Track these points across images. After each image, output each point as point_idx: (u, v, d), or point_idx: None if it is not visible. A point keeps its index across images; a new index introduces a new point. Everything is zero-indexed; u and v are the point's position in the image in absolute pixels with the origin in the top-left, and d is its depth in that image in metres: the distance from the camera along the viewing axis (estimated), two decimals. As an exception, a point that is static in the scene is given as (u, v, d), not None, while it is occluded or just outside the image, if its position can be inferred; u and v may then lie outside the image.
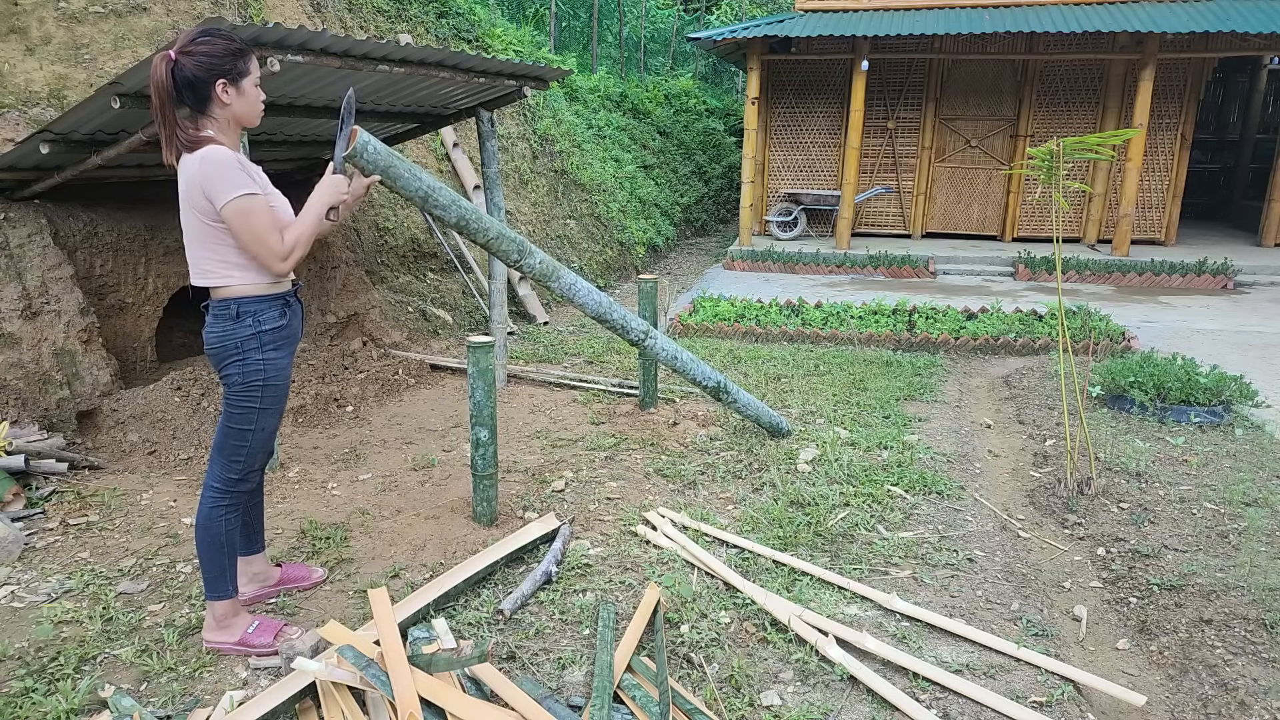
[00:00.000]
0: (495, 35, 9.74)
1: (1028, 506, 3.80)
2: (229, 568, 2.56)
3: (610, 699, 2.24)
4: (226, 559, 2.55)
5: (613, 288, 9.67)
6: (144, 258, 4.72)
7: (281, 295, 2.51)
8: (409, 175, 2.81)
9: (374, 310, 6.01)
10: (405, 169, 2.79)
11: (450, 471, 4.07)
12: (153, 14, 5.31)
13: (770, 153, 11.94)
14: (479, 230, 3.09)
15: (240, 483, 2.57)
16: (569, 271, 3.49)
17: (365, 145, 2.59)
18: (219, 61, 2.31)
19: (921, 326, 6.83)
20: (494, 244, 3.18)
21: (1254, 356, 6.26)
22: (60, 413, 4.06)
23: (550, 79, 5.07)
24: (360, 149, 2.57)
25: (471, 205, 3.05)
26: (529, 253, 3.28)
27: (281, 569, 2.97)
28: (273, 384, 2.51)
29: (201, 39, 2.32)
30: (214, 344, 2.45)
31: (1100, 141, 3.46)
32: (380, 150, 2.65)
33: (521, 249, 3.25)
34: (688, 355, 3.99)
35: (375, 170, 2.65)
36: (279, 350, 2.50)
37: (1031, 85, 10.92)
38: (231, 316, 2.41)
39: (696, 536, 3.34)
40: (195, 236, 2.39)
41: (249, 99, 2.41)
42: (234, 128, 2.43)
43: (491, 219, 3.14)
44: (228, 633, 2.57)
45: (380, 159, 2.66)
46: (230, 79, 2.34)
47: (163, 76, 2.26)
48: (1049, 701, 2.37)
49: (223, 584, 2.56)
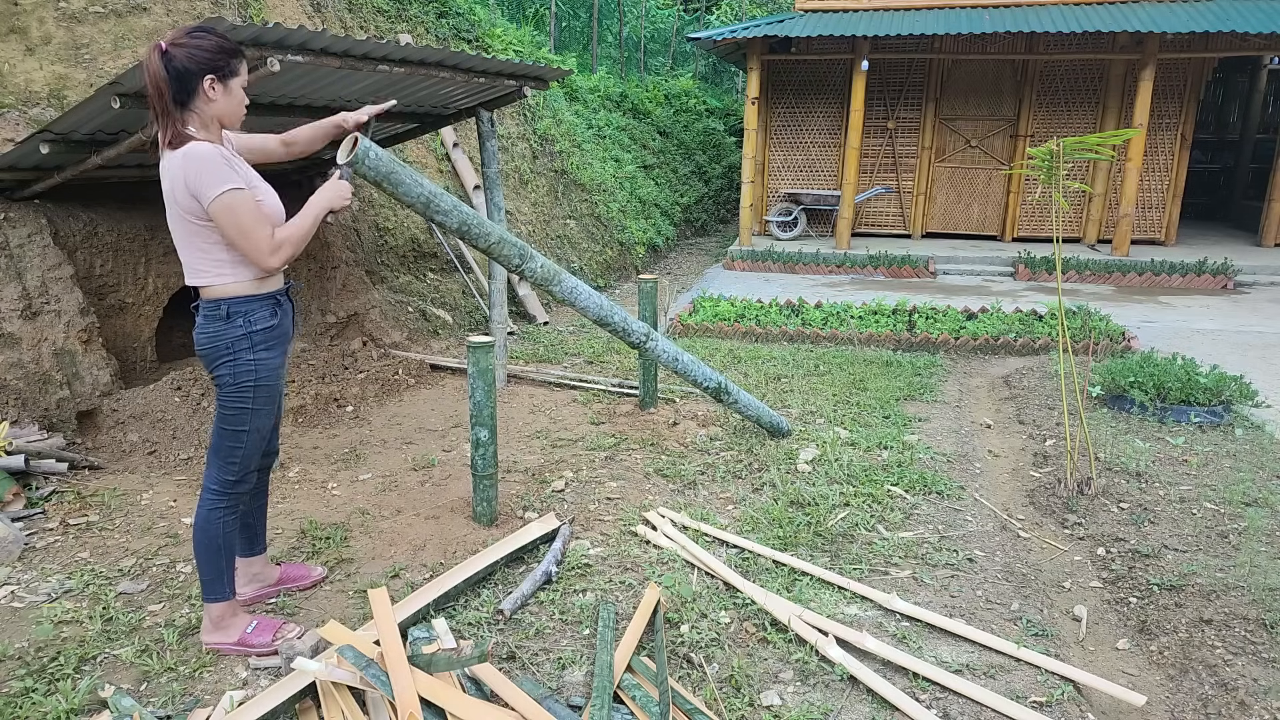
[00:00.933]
0: (495, 35, 9.74)
1: (1028, 506, 3.80)
2: (226, 570, 2.56)
3: (610, 699, 2.24)
4: (224, 561, 2.55)
5: (613, 288, 9.67)
6: (144, 258, 4.72)
7: (272, 295, 2.49)
8: (411, 182, 2.79)
9: (374, 310, 6.01)
10: (407, 175, 2.78)
11: (450, 471, 4.07)
12: (153, 14, 5.31)
13: (770, 153, 11.94)
14: (480, 236, 3.09)
15: (238, 484, 2.56)
16: (570, 276, 3.48)
17: (366, 152, 2.57)
18: (210, 57, 2.30)
19: (921, 326, 6.83)
20: (495, 249, 3.17)
21: (1254, 356, 6.26)
22: (60, 413, 4.06)
23: (550, 79, 5.07)
24: (361, 156, 2.56)
25: (473, 211, 3.04)
26: (530, 258, 3.28)
27: (281, 569, 2.97)
28: (264, 384, 2.50)
29: (196, 33, 2.31)
30: (205, 345, 2.44)
31: (1100, 141, 3.46)
32: (382, 157, 2.64)
33: (523, 254, 3.25)
34: (688, 357, 3.99)
35: (377, 177, 2.64)
36: (270, 350, 2.49)
37: (1031, 85, 10.93)
38: (222, 317, 2.40)
39: (696, 536, 3.34)
40: (184, 237, 2.38)
41: (235, 100, 2.39)
42: (215, 126, 2.41)
43: (493, 224, 3.14)
44: (226, 633, 2.57)
45: (382, 165, 2.64)
46: (219, 76, 2.33)
47: (157, 66, 2.24)
48: (1049, 701, 2.37)
49: (220, 586, 2.55)
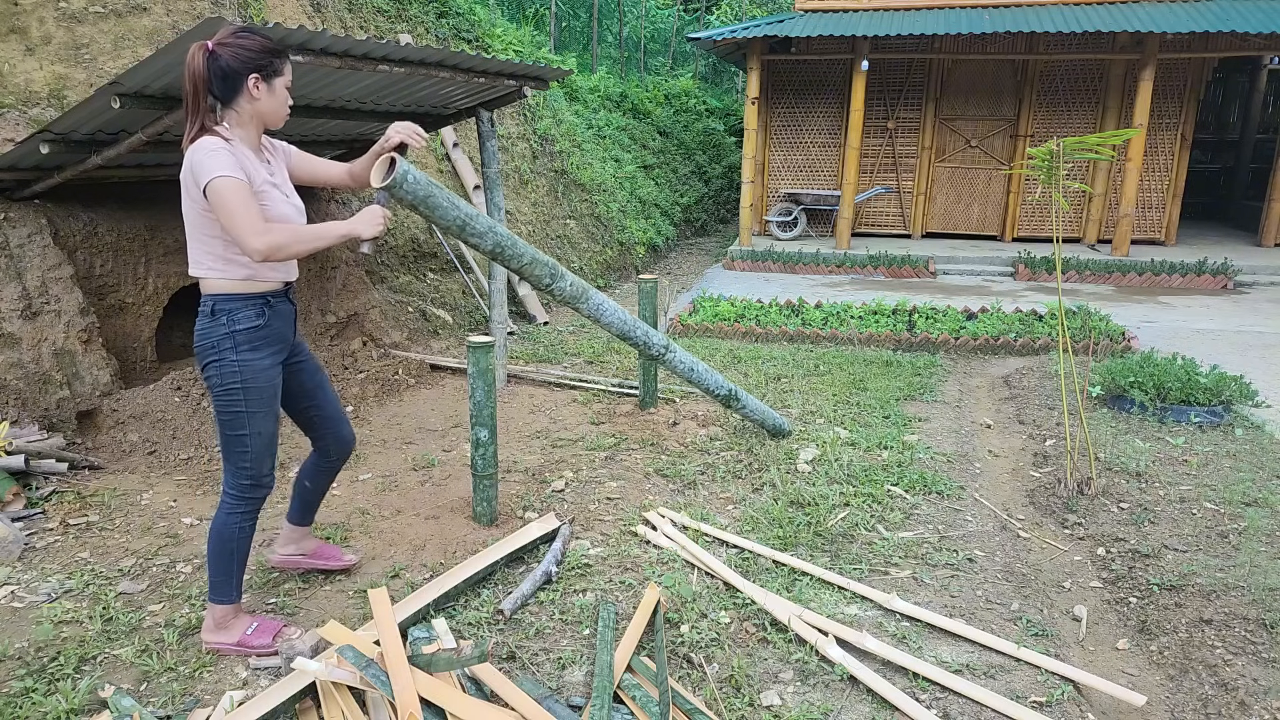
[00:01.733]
0: (495, 35, 9.74)
1: (1028, 506, 3.80)
2: (235, 574, 2.57)
3: (610, 699, 2.24)
4: (234, 565, 2.55)
5: (613, 288, 9.67)
6: (144, 258, 4.72)
7: (262, 295, 2.47)
8: (447, 205, 2.71)
9: (374, 310, 6.01)
10: (444, 198, 2.69)
11: (450, 471, 4.07)
12: (153, 14, 5.31)
13: (770, 153, 11.94)
14: (514, 256, 3.05)
15: (254, 488, 2.54)
16: (596, 292, 3.48)
17: (405, 175, 2.47)
18: (255, 56, 2.35)
19: (921, 326, 6.83)
20: (528, 269, 3.14)
21: (1254, 356, 6.26)
22: (60, 413, 4.06)
23: (550, 79, 5.07)
24: (400, 179, 2.46)
25: (507, 232, 3.00)
26: (561, 276, 3.27)
27: (319, 545, 3.04)
28: (254, 386, 2.46)
29: (241, 33, 2.37)
30: (197, 343, 2.47)
31: (1100, 141, 3.46)
32: (420, 180, 2.54)
33: (554, 273, 3.24)
34: (703, 366, 4.00)
35: (414, 201, 2.54)
36: (257, 351, 2.46)
37: (1031, 85, 10.93)
38: (208, 313, 2.43)
39: (696, 536, 3.34)
40: (191, 225, 2.40)
41: (278, 99, 2.44)
42: (256, 124, 2.44)
43: (526, 245, 3.11)
44: (226, 634, 2.57)
45: (420, 189, 2.54)
46: (264, 75, 2.37)
47: (200, 65, 2.30)
48: (1049, 701, 2.37)
49: (227, 589, 2.56)
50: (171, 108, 3.56)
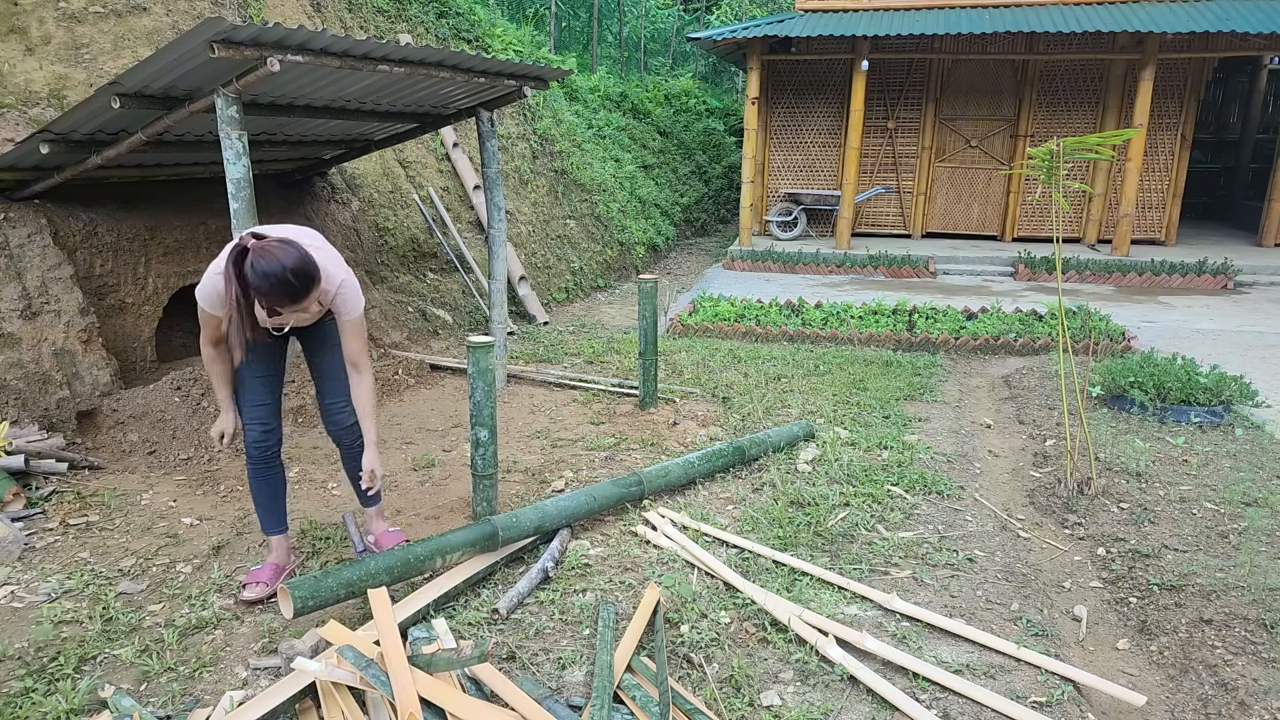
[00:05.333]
0: (495, 35, 9.74)
1: (1028, 506, 3.80)
2: (258, 512, 3.01)
3: (610, 699, 2.24)
4: (258, 507, 3.00)
5: (613, 288, 9.68)
6: (144, 258, 4.72)
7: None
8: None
9: (374, 310, 6.01)
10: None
11: (450, 471, 4.07)
12: (153, 14, 5.31)
13: (770, 153, 11.94)
14: None
15: (251, 448, 2.91)
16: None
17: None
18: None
19: (921, 326, 6.83)
20: None
21: (1254, 356, 6.26)
22: (60, 413, 4.06)
23: (550, 79, 5.07)
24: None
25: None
26: None
27: (381, 533, 3.24)
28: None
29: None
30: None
31: (1100, 141, 3.46)
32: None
33: None
34: (695, 456, 3.86)
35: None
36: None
37: (1031, 85, 10.93)
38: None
39: (696, 536, 3.34)
40: None
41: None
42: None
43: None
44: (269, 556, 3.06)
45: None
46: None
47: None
48: (1049, 701, 2.37)
49: (266, 523, 3.02)
50: (171, 108, 3.56)
